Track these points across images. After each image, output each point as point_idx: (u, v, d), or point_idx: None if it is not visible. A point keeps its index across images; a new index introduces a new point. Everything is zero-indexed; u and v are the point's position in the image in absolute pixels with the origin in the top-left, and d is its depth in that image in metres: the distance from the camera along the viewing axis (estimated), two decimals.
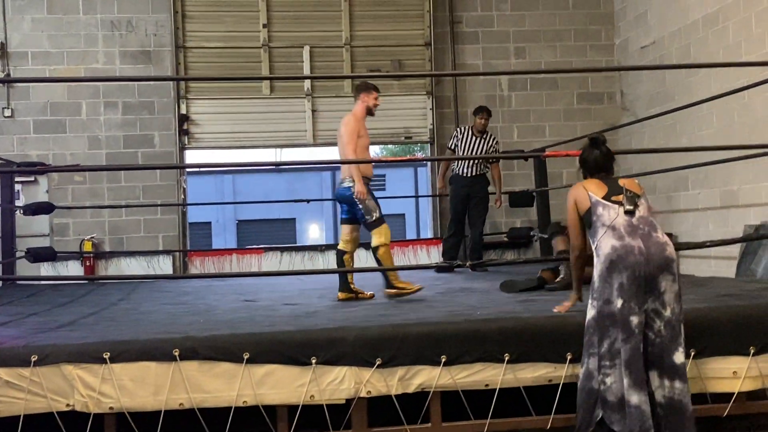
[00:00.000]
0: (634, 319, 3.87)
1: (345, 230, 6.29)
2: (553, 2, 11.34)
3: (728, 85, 7.54)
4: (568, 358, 4.19)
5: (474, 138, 8.93)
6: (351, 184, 6.06)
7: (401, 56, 11.08)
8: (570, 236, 4.38)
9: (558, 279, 6.20)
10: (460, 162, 8.90)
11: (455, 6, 11.20)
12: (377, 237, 5.99)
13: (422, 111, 11.15)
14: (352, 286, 6.15)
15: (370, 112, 6.32)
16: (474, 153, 8.84)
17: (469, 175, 8.85)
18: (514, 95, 11.22)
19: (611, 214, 4.04)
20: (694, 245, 6.34)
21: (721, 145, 7.96)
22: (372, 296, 6.16)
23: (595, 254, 4.05)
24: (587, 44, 11.38)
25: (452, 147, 9.09)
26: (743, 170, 8.31)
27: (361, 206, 6.03)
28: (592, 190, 4.15)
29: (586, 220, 4.15)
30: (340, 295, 6.11)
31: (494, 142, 9.07)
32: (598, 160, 4.30)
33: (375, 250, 6.02)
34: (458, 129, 9.21)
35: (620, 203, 4.06)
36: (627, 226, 3.99)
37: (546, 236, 6.48)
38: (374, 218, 6.00)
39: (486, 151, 8.87)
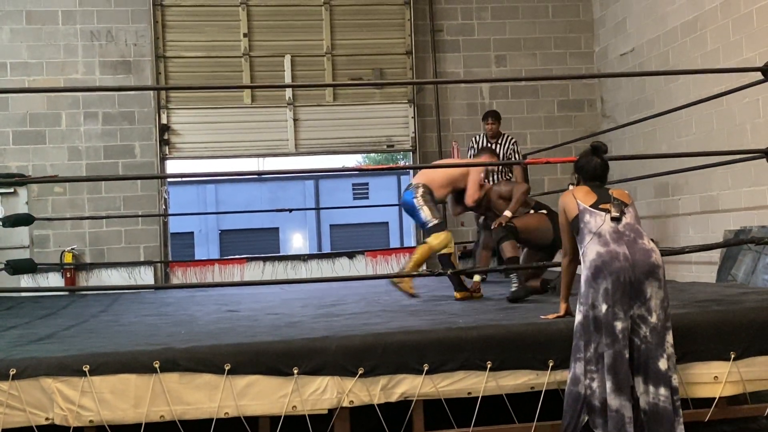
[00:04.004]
0: (619, 325, 3.88)
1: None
2: (533, 11, 11.42)
3: (707, 92, 7.60)
4: (550, 365, 4.20)
5: (490, 144, 8.73)
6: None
7: (383, 65, 11.11)
8: (563, 242, 4.42)
9: (514, 289, 6.03)
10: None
11: (436, 15, 11.24)
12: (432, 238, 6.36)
13: (404, 119, 11.17)
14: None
15: None
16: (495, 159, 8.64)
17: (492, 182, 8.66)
18: (496, 103, 11.25)
19: (598, 221, 4.07)
20: (674, 251, 6.38)
21: (700, 151, 8.03)
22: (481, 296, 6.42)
23: (582, 260, 4.09)
24: (567, 52, 11.46)
25: (471, 157, 8.69)
26: (723, 176, 8.38)
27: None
28: (581, 198, 4.19)
29: (574, 227, 4.19)
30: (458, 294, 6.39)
31: (512, 143, 8.65)
32: (597, 169, 4.33)
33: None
34: (474, 138, 8.77)
35: (607, 210, 4.09)
36: (613, 232, 4.02)
37: (497, 240, 6.26)
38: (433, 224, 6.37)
39: (505, 154, 8.65)
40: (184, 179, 24.21)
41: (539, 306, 5.40)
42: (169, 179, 11.33)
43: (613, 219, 4.05)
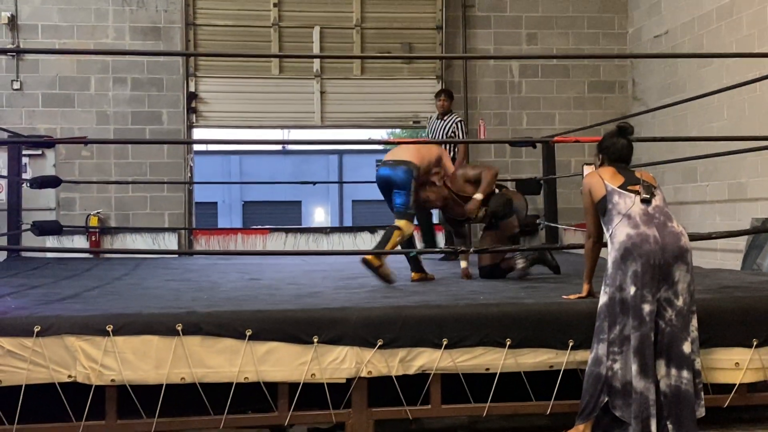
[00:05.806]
0: (646, 307, 3.87)
1: None
2: None
3: (740, 77, 7.48)
4: (570, 344, 4.19)
5: (436, 121, 8.90)
6: None
7: (412, 39, 11.03)
8: (586, 224, 4.38)
9: (521, 266, 6.03)
10: None
11: None
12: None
13: (432, 96, 11.07)
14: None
15: None
16: (435, 136, 8.80)
17: None
18: (525, 82, 11.16)
19: (627, 202, 4.03)
20: (700, 237, 6.31)
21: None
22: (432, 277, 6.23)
23: (609, 242, 4.07)
24: (600, 32, 11.30)
25: (427, 135, 9.02)
26: (752, 163, 8.28)
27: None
28: (608, 179, 4.15)
29: (600, 208, 4.15)
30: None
31: (456, 121, 8.73)
32: (623, 150, 4.29)
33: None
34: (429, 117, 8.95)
35: (636, 192, 4.05)
36: (642, 215, 3.98)
37: (500, 216, 6.12)
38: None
39: (445, 131, 8.74)
40: (209, 150, 24.34)
41: (561, 286, 5.38)
42: (194, 147, 11.37)
43: (643, 201, 4.02)
